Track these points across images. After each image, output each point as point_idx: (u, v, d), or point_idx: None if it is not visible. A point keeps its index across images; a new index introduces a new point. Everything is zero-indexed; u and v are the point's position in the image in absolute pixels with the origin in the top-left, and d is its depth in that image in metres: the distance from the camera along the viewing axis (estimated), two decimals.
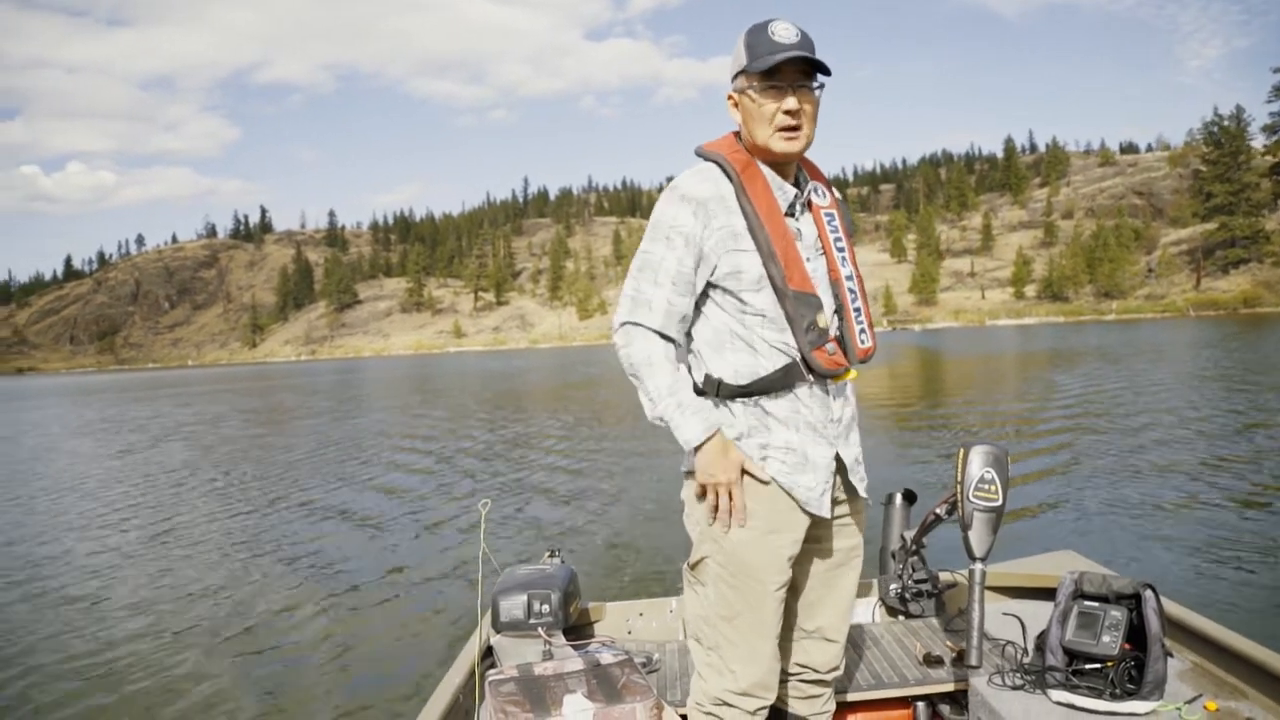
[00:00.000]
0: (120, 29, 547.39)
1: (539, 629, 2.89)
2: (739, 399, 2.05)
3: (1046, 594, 2.99)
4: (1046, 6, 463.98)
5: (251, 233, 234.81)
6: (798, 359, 2.03)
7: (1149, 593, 2.41)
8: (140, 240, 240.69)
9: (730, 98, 2.08)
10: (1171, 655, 2.45)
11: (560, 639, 2.88)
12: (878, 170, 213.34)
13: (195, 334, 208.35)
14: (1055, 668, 2.45)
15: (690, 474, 2.12)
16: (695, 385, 2.10)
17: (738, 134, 2.12)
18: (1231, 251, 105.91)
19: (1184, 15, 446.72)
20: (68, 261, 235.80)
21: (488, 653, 2.94)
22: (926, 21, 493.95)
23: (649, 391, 1.99)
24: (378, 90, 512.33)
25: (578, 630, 3.23)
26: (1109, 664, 2.38)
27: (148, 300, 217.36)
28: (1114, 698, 2.32)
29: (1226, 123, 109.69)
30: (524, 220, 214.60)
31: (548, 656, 2.75)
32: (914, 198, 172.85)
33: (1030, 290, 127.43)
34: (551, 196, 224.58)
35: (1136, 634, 2.41)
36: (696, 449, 1.98)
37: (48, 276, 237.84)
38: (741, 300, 2.02)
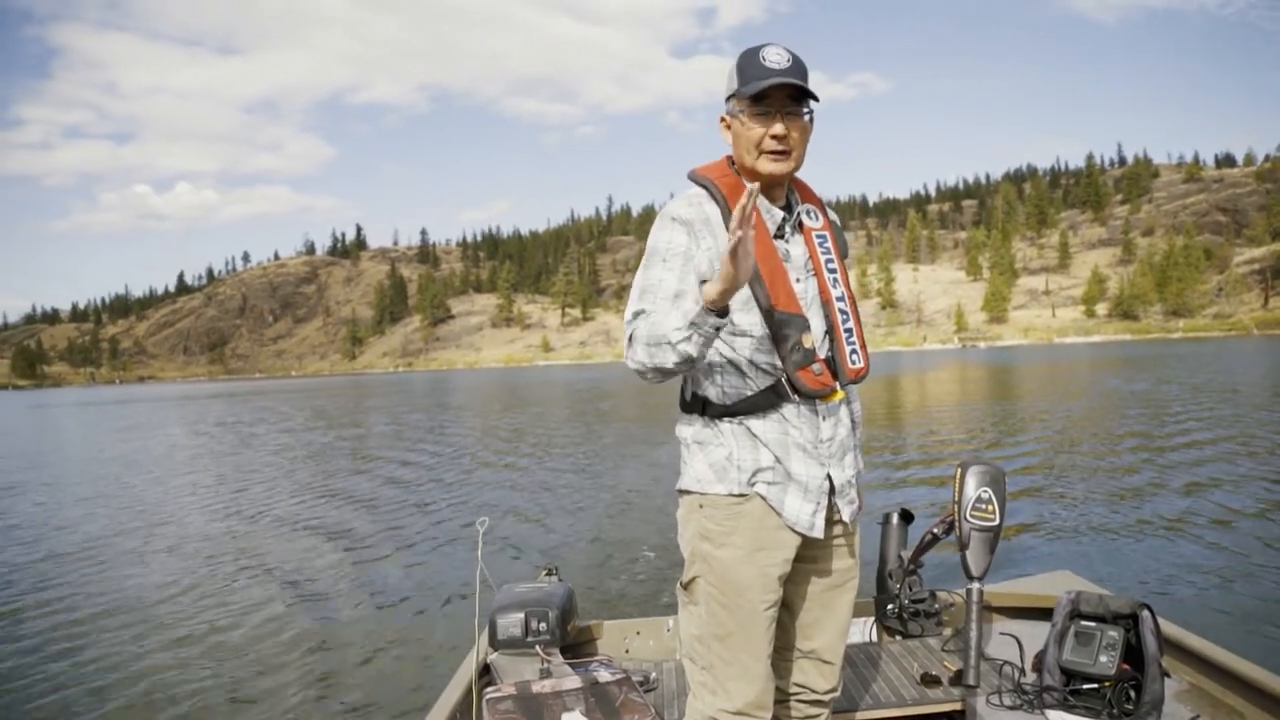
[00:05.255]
0: (230, 56, 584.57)
1: (537, 647, 2.92)
2: (725, 419, 2.06)
3: (1044, 614, 2.99)
4: (1148, 12, 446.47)
5: (348, 249, 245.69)
6: (783, 379, 2.03)
7: (1146, 613, 2.42)
8: (246, 257, 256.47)
9: (723, 120, 2.11)
10: (1168, 675, 2.44)
11: (558, 657, 2.90)
12: (960, 186, 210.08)
13: (297, 346, 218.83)
14: (1053, 687, 2.45)
15: (684, 492, 2.13)
16: (683, 401, 2.15)
17: (731, 158, 2.14)
18: None
19: None
20: (180, 277, 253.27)
21: (485, 670, 2.95)
22: (1025, 30, 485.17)
23: (667, 334, 1.82)
24: (469, 110, 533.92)
25: (575, 648, 3.23)
26: (1106, 684, 2.38)
27: (253, 314, 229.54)
28: (1112, 718, 2.32)
29: None
30: (608, 238, 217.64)
31: (545, 674, 2.78)
32: (994, 215, 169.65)
33: (1101, 309, 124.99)
34: (635, 213, 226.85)
35: (1134, 654, 2.41)
36: (713, 307, 1.79)
37: (159, 291, 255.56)
38: (730, 320, 1.97)
